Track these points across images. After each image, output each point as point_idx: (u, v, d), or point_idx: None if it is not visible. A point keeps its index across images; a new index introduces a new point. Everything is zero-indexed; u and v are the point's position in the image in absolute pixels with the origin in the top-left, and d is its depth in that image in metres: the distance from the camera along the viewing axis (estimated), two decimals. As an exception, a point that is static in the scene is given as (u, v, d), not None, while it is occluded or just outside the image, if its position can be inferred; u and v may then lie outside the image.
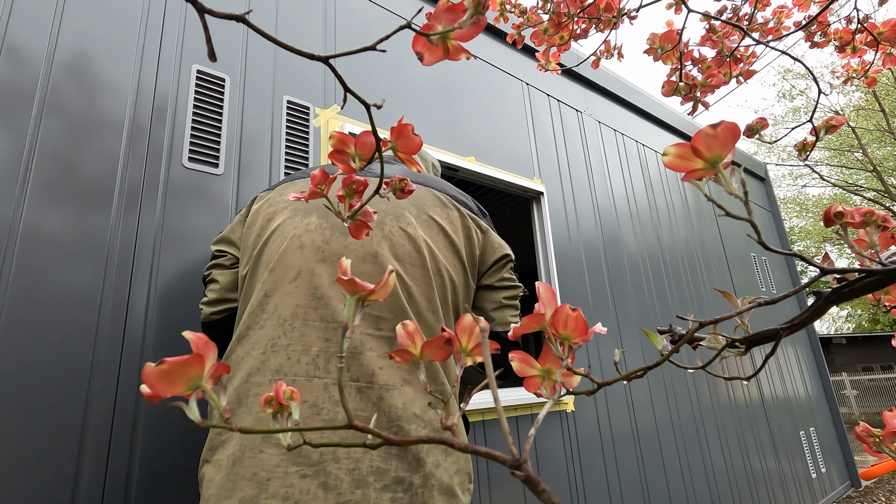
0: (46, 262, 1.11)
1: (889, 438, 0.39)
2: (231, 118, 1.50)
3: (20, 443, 1.00)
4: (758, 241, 0.29)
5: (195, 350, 0.26)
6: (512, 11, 1.14)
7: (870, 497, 4.31)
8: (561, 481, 2.04)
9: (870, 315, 21.94)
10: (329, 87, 1.79)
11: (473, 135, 2.28)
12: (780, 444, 3.64)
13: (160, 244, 1.28)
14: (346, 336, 0.30)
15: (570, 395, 0.73)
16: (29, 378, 1.04)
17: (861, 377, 12.79)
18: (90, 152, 1.23)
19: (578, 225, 2.68)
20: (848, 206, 0.37)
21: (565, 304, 0.31)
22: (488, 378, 0.24)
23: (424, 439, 0.25)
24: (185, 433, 1.19)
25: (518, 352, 0.35)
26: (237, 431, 0.26)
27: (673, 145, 0.29)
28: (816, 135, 0.70)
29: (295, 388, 0.76)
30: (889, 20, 1.01)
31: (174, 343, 1.24)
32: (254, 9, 1.68)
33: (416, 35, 0.32)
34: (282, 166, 1.57)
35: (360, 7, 2.02)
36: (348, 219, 0.44)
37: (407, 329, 0.32)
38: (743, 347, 0.35)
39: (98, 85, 1.29)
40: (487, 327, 0.27)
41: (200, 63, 1.48)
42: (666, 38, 1.04)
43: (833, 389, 4.78)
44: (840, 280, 0.33)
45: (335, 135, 0.41)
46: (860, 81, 1.10)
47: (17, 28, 1.20)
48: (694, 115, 1.11)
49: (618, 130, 3.36)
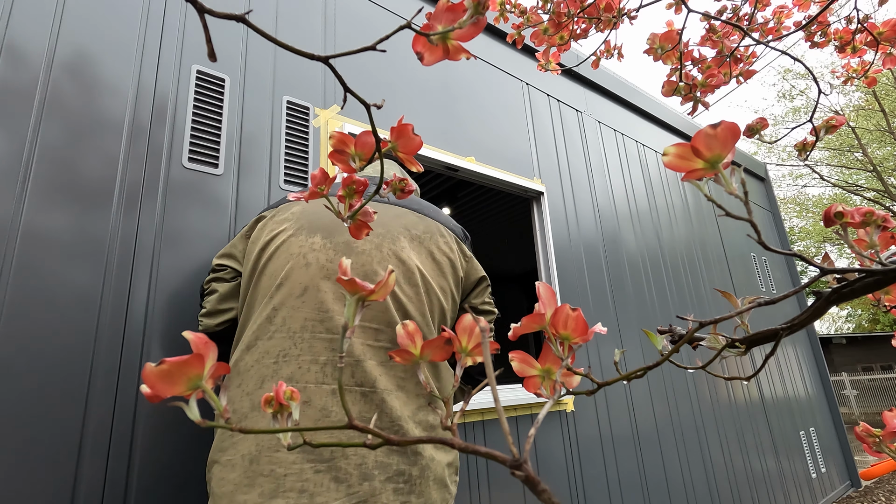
0: (46, 262, 1.11)
1: (889, 438, 0.39)
2: (231, 118, 1.50)
3: (20, 443, 1.00)
4: (758, 241, 0.29)
5: (195, 350, 0.26)
6: (512, 11, 1.14)
7: (870, 497, 4.31)
8: (561, 481, 2.04)
9: (870, 315, 21.94)
10: (329, 87, 1.79)
11: (473, 135, 2.28)
12: (780, 444, 3.64)
13: (160, 244, 1.28)
14: (347, 336, 0.30)
15: (570, 395, 0.73)
16: (29, 378, 1.04)
17: (861, 377, 12.79)
18: (90, 152, 1.23)
19: (578, 225, 2.68)
20: (848, 206, 0.37)
21: (565, 304, 0.31)
22: (488, 378, 0.24)
23: (425, 439, 0.25)
24: (186, 433, 1.19)
25: (518, 352, 0.35)
26: (237, 431, 0.26)
27: (673, 145, 0.29)
28: (816, 135, 0.70)
29: (304, 392, 0.77)
30: (889, 20, 1.01)
31: (174, 343, 1.24)
32: (254, 9, 1.68)
33: (416, 35, 0.32)
34: (282, 166, 1.57)
35: (360, 7, 2.02)
36: (348, 219, 0.44)
37: (407, 329, 0.32)
38: (743, 347, 0.35)
39: (98, 85, 1.29)
40: (487, 327, 0.27)
41: (200, 63, 1.48)
42: (666, 38, 1.04)
43: (833, 389, 4.79)
44: (840, 280, 0.33)
45: (335, 135, 0.41)
46: (860, 81, 1.10)
47: (17, 28, 1.20)
48: (694, 115, 1.11)
49: (618, 130, 3.36)
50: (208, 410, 1.14)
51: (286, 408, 0.31)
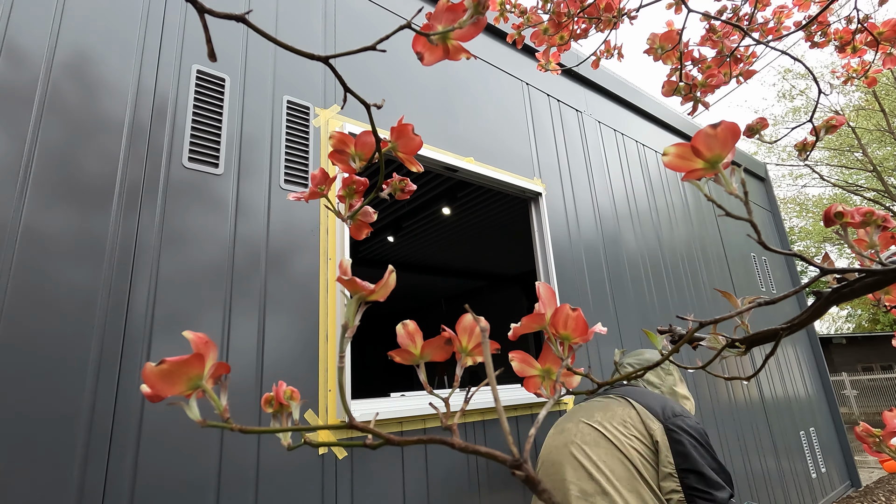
0: (46, 262, 1.11)
1: (889, 438, 0.39)
2: (231, 118, 1.50)
3: (20, 443, 1.00)
4: (758, 241, 0.29)
5: (195, 350, 0.26)
6: (512, 11, 1.14)
7: (870, 497, 4.31)
8: (561, 481, 2.04)
9: (870, 315, 21.93)
10: (329, 87, 1.79)
11: (473, 135, 2.28)
12: (780, 444, 3.64)
13: (160, 244, 1.28)
14: (347, 336, 0.30)
15: (570, 395, 0.73)
16: (28, 378, 1.04)
17: (861, 377, 12.78)
18: (90, 152, 1.23)
19: (579, 225, 2.68)
20: (848, 206, 0.37)
21: (565, 305, 0.31)
22: (489, 378, 0.24)
23: (425, 439, 0.25)
24: (186, 433, 1.19)
25: (518, 352, 0.35)
26: (237, 431, 0.26)
27: (673, 145, 0.29)
28: (816, 135, 0.70)
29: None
30: (889, 20, 1.01)
31: (174, 343, 1.24)
32: (254, 9, 1.68)
33: (416, 35, 0.32)
34: (282, 166, 1.57)
35: (360, 7, 2.02)
36: (348, 219, 0.44)
37: (407, 329, 0.32)
38: (743, 347, 0.35)
39: (98, 85, 1.29)
40: (487, 327, 0.27)
41: (200, 63, 1.48)
42: (666, 38, 1.04)
43: (833, 389, 4.78)
44: (840, 280, 0.33)
45: (335, 135, 0.41)
46: (860, 81, 1.10)
47: (17, 28, 1.20)
48: (694, 115, 1.11)
49: (618, 130, 3.36)
50: (209, 410, 1.14)
51: (286, 407, 0.31)
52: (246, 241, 1.43)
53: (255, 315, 1.38)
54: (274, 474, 1.29)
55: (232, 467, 1.23)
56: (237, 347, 1.33)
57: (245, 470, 1.25)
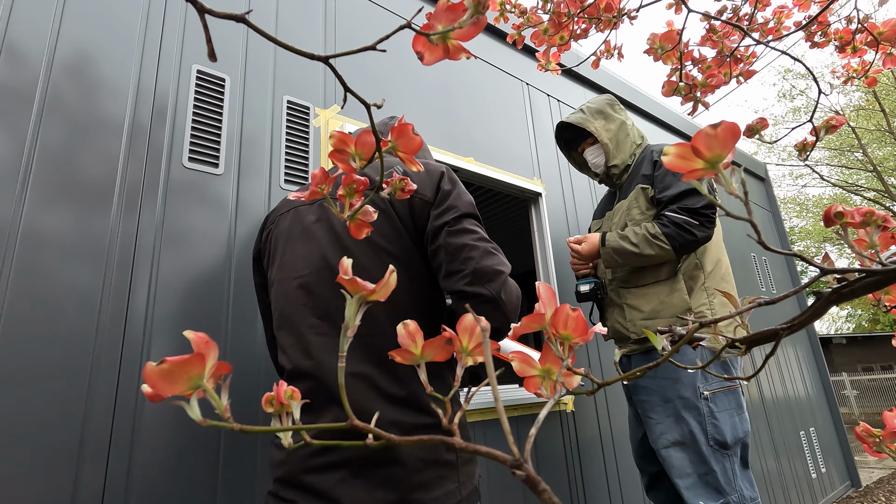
0: (46, 262, 1.11)
1: (889, 438, 0.39)
2: (231, 118, 1.50)
3: (20, 444, 1.00)
4: (758, 241, 0.29)
5: (196, 349, 0.26)
6: (512, 11, 1.14)
7: (870, 497, 4.31)
8: (561, 481, 2.04)
9: (870, 315, 21.94)
10: (329, 87, 1.79)
11: (473, 135, 2.28)
12: (780, 444, 3.64)
13: (160, 244, 1.28)
14: (347, 336, 0.30)
15: (570, 394, 0.73)
16: (28, 378, 1.04)
17: (861, 377, 12.79)
18: (90, 152, 1.23)
19: (579, 225, 2.68)
20: (848, 206, 0.37)
21: (565, 304, 0.31)
22: (489, 378, 0.24)
23: (425, 438, 0.25)
24: (187, 433, 1.19)
25: (518, 351, 0.35)
26: (238, 430, 0.26)
27: (673, 145, 0.29)
28: (816, 135, 0.70)
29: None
30: (889, 20, 1.01)
31: (174, 343, 1.24)
32: (254, 9, 1.68)
33: (416, 35, 0.32)
34: (282, 166, 1.57)
35: (360, 7, 2.02)
36: (348, 218, 0.44)
37: (408, 329, 0.32)
38: (743, 347, 0.35)
39: (98, 85, 1.29)
40: (488, 327, 0.27)
41: (200, 63, 1.48)
42: (666, 38, 1.04)
43: (833, 389, 4.78)
44: (840, 280, 0.33)
45: (335, 134, 0.41)
46: (860, 81, 1.10)
47: (17, 28, 1.20)
48: (694, 115, 1.11)
49: (618, 130, 3.35)
50: (209, 410, 1.14)
51: (286, 407, 0.31)
52: (246, 241, 1.43)
53: (255, 315, 1.38)
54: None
55: (232, 467, 1.23)
56: (237, 347, 1.33)
57: (245, 470, 1.25)
